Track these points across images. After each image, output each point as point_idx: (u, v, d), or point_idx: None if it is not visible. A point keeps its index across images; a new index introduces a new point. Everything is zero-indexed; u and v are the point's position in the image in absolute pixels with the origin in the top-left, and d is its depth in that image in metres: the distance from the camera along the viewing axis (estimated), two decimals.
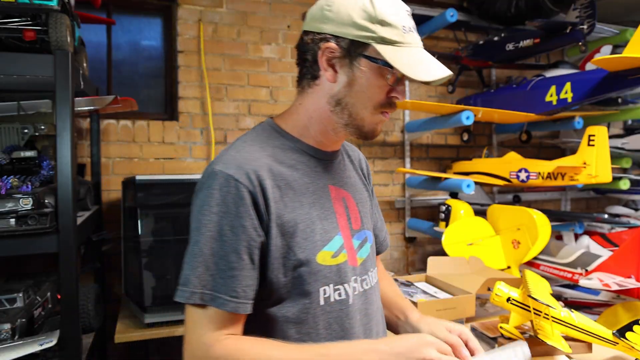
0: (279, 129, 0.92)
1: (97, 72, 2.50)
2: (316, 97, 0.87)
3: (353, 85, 0.83)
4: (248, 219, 0.78)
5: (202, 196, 0.79)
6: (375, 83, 0.82)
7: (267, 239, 0.80)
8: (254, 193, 0.78)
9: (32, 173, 1.54)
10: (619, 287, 1.83)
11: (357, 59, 0.81)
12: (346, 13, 0.80)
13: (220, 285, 0.76)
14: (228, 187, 0.78)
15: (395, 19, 0.80)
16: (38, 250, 1.30)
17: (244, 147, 0.85)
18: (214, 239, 0.77)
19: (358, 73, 0.82)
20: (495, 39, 2.88)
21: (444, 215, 2.63)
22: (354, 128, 0.86)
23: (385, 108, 0.85)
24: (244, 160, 0.81)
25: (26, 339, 1.37)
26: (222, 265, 0.76)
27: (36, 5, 1.28)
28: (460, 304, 1.71)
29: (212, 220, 0.77)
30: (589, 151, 2.30)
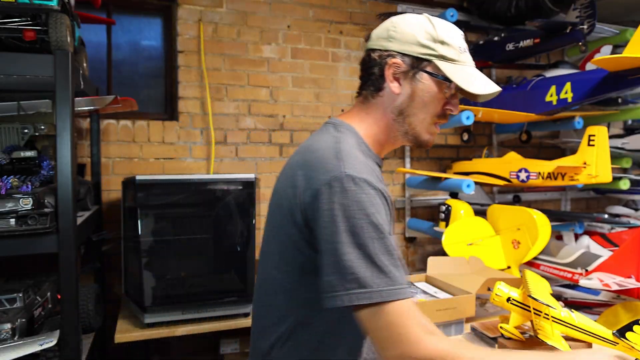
0: (361, 137, 0.97)
1: (97, 72, 2.50)
2: (381, 107, 0.96)
3: (415, 97, 0.93)
4: (390, 217, 0.88)
5: (345, 202, 0.79)
6: (434, 96, 0.93)
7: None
8: (387, 195, 0.87)
9: (32, 173, 1.54)
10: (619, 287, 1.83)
11: (419, 73, 0.92)
12: (411, 33, 0.92)
13: (404, 279, 0.80)
14: (373, 190, 0.82)
15: (453, 40, 0.92)
16: (38, 250, 1.30)
17: (358, 155, 0.88)
18: (378, 239, 0.79)
19: (420, 86, 0.93)
20: (495, 39, 2.88)
21: (444, 215, 2.63)
22: (412, 136, 0.96)
23: (440, 119, 0.96)
24: (368, 166, 0.87)
25: (26, 339, 1.37)
26: (392, 260, 0.81)
27: (36, 5, 1.28)
28: (460, 304, 1.71)
29: (370, 222, 0.79)
30: (589, 151, 2.30)
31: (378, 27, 0.98)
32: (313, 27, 2.88)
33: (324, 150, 0.86)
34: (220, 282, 2.04)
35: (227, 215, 2.03)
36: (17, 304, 1.47)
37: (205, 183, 2.02)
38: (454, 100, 0.95)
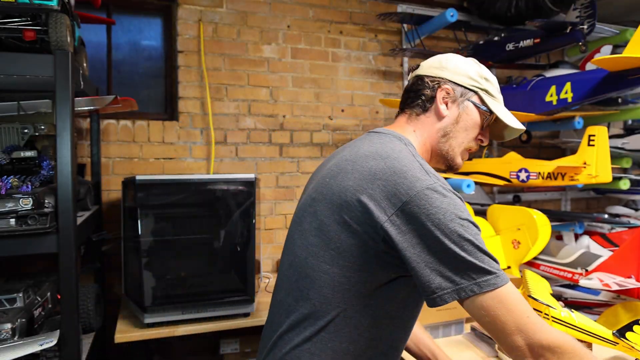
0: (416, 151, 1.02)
1: (97, 72, 2.50)
2: (428, 126, 1.06)
3: (459, 121, 1.05)
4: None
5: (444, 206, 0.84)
6: (475, 123, 1.06)
7: None
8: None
9: (32, 173, 1.54)
10: (619, 287, 1.82)
11: (466, 102, 1.05)
12: (462, 67, 1.06)
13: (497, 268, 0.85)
14: (460, 201, 0.89)
15: (494, 80, 1.09)
16: (38, 250, 1.30)
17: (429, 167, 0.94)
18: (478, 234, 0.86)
19: (464, 113, 1.05)
20: (495, 39, 2.88)
21: None
22: (449, 158, 1.07)
23: (472, 146, 1.08)
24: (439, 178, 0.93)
25: (26, 339, 1.37)
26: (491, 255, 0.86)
27: (36, 5, 1.28)
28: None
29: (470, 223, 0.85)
30: (589, 151, 2.30)
31: (431, 58, 1.11)
32: (313, 27, 2.88)
33: (405, 159, 0.91)
34: (220, 282, 2.04)
35: (227, 215, 2.03)
36: (17, 304, 1.47)
37: (205, 183, 2.02)
38: (485, 132, 1.08)
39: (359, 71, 3.00)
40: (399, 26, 3.09)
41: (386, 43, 3.07)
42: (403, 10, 3.01)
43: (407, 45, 3.04)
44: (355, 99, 2.98)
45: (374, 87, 3.04)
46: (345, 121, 2.95)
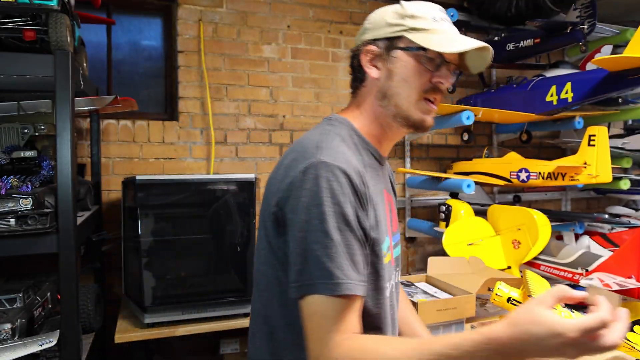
0: (356, 130, 0.95)
1: (97, 72, 2.50)
2: (367, 96, 0.95)
3: (394, 76, 0.91)
4: (362, 209, 0.82)
5: (314, 188, 0.78)
6: (414, 69, 0.89)
7: (368, 232, 0.84)
8: (360, 187, 0.82)
9: (32, 173, 1.54)
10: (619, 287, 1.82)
11: (393, 51, 0.91)
12: (380, 18, 0.93)
13: (357, 272, 0.78)
14: (345, 179, 0.79)
15: (424, 12, 0.90)
16: (38, 250, 1.30)
17: (341, 144, 0.87)
18: (340, 229, 0.77)
19: (396, 64, 0.90)
20: (495, 39, 2.88)
21: (444, 216, 2.63)
22: (403, 119, 0.92)
23: (430, 94, 0.91)
24: (348, 156, 0.84)
25: (26, 339, 1.37)
26: (351, 254, 0.78)
27: (36, 5, 1.28)
28: (461, 304, 1.71)
29: (336, 211, 0.77)
30: (589, 151, 2.30)
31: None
32: (313, 27, 2.88)
33: (308, 141, 0.86)
34: (220, 282, 2.04)
35: (227, 215, 2.03)
36: (17, 304, 1.47)
37: (205, 183, 2.02)
38: (442, 72, 0.90)
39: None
40: None
41: None
42: None
43: None
44: None
45: None
46: None
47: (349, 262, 0.77)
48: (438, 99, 0.93)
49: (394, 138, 1.00)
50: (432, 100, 0.92)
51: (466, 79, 3.27)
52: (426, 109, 0.92)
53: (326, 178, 0.78)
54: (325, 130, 0.90)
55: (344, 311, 0.76)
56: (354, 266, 0.77)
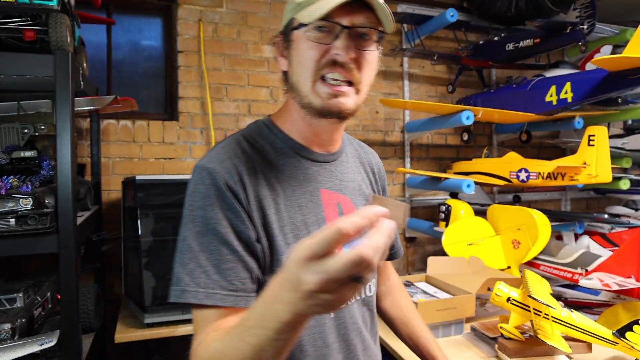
0: (273, 127, 0.89)
1: (97, 72, 2.50)
2: (288, 92, 0.87)
3: (292, 63, 0.82)
4: (234, 212, 0.76)
5: (188, 192, 0.79)
6: (303, 49, 0.79)
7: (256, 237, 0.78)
8: (235, 187, 0.77)
9: (32, 173, 1.54)
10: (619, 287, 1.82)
11: (290, 36, 0.82)
12: (286, 7, 0.85)
13: (215, 281, 0.73)
14: (211, 180, 0.76)
15: None
16: (38, 250, 1.30)
17: (231, 144, 0.84)
18: (202, 234, 0.74)
19: (292, 49, 0.82)
20: (495, 39, 2.88)
21: (444, 215, 2.63)
22: (308, 108, 0.81)
23: (326, 70, 0.77)
24: (228, 156, 0.80)
25: (26, 339, 1.37)
26: (215, 260, 0.73)
27: (36, 5, 1.28)
28: (460, 304, 1.71)
29: (198, 215, 0.75)
30: (589, 151, 2.30)
31: None
32: None
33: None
34: None
35: None
36: (17, 304, 1.47)
37: None
38: (337, 43, 0.76)
39: None
40: (399, 26, 3.09)
41: (386, 43, 3.07)
42: (403, 10, 3.01)
43: (407, 46, 3.05)
44: None
45: (374, 87, 3.03)
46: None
47: (211, 268, 0.73)
48: (348, 75, 0.77)
49: (323, 131, 0.88)
50: (335, 79, 0.77)
51: (466, 79, 3.27)
52: (326, 93, 0.78)
53: (194, 182, 0.78)
54: (232, 134, 0.89)
55: (204, 321, 0.72)
56: (220, 274, 0.73)
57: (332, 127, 0.87)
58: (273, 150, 0.86)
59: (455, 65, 3.15)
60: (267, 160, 0.84)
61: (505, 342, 1.49)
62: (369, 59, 0.80)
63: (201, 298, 0.72)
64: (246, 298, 0.74)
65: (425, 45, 3.03)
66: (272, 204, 0.80)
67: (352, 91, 0.79)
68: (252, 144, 0.85)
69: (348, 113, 0.81)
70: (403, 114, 3.12)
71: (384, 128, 3.06)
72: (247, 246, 0.76)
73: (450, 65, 3.24)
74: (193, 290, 0.72)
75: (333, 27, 0.77)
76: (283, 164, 0.85)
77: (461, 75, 3.16)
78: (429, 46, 3.12)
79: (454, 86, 3.15)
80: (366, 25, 0.77)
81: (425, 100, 3.14)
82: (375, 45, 0.81)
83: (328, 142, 0.91)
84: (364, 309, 0.94)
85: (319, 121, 0.84)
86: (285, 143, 0.88)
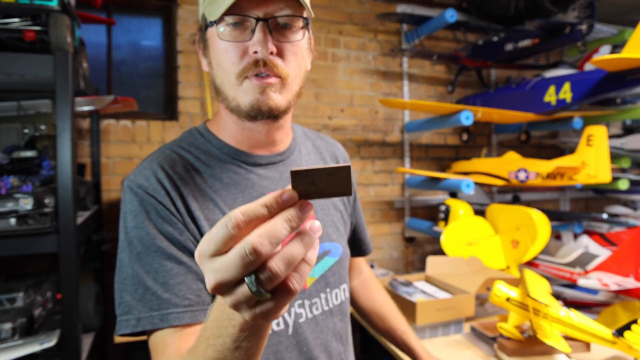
0: (208, 134, 0.83)
1: (97, 72, 2.50)
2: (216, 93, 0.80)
3: (212, 62, 0.75)
4: (170, 223, 0.71)
5: (120, 215, 0.73)
6: (220, 50, 0.72)
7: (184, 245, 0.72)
8: (164, 200, 0.72)
9: (32, 173, 1.54)
10: (617, 287, 1.83)
11: (206, 34, 0.76)
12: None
13: (166, 300, 0.67)
14: (139, 198, 0.72)
15: None
16: (38, 250, 1.30)
17: (158, 156, 0.79)
18: (143, 254, 0.69)
19: (210, 47, 0.75)
20: (494, 39, 2.89)
21: (444, 215, 2.63)
22: (237, 111, 0.74)
23: (249, 71, 0.70)
24: (153, 170, 0.75)
25: (26, 338, 1.37)
26: (161, 278, 0.67)
27: (36, 6, 1.28)
28: (460, 304, 1.71)
29: (133, 236, 0.70)
30: (588, 151, 2.31)
31: None
32: (313, 27, 2.87)
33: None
34: None
35: None
36: (17, 304, 1.47)
37: None
38: (254, 38, 0.69)
39: (359, 71, 3.00)
40: (399, 26, 3.09)
41: (386, 43, 3.07)
42: (402, 10, 3.02)
43: (407, 46, 3.05)
44: (354, 99, 2.99)
45: (374, 87, 3.05)
46: (345, 121, 2.96)
47: (159, 288, 0.67)
48: (272, 71, 0.71)
49: (260, 133, 0.80)
50: (261, 74, 0.70)
51: (465, 79, 3.28)
52: (253, 87, 0.71)
53: (123, 203, 0.74)
54: (164, 145, 0.84)
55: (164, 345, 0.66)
56: (170, 291, 0.67)
57: (269, 127, 0.80)
58: (207, 158, 0.80)
59: (454, 65, 3.16)
60: (198, 169, 0.78)
61: (504, 341, 1.49)
62: (295, 50, 0.73)
63: (156, 322, 0.66)
64: (204, 311, 0.68)
65: (425, 46, 3.03)
66: (210, 215, 0.74)
67: (280, 84, 0.72)
68: (182, 154, 0.79)
69: (279, 111, 0.73)
70: (402, 114, 3.12)
71: (383, 128, 3.06)
72: (193, 255, 0.69)
73: (449, 66, 3.24)
74: (147, 315, 0.66)
75: (247, 21, 0.69)
76: (219, 171, 0.79)
77: (460, 75, 3.17)
78: (429, 46, 3.13)
79: (454, 86, 3.16)
80: (285, 14, 0.69)
81: (425, 100, 3.15)
82: (302, 32, 0.73)
83: (270, 143, 0.83)
84: (334, 319, 0.86)
85: (252, 124, 0.77)
86: (220, 149, 0.81)
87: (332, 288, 0.86)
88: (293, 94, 0.76)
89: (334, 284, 0.86)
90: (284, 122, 0.83)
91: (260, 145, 0.82)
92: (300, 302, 0.79)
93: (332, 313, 0.85)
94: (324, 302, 0.84)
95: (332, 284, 0.86)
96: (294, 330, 0.78)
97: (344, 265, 0.91)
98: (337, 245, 0.89)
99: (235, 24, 0.70)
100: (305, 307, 0.80)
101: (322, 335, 0.83)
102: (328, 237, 0.87)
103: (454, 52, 3.05)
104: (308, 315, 0.80)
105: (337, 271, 0.88)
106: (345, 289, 0.90)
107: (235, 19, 0.69)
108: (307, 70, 0.81)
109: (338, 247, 0.89)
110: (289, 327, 0.78)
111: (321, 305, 0.83)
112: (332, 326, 0.85)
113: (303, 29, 0.74)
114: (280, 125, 0.82)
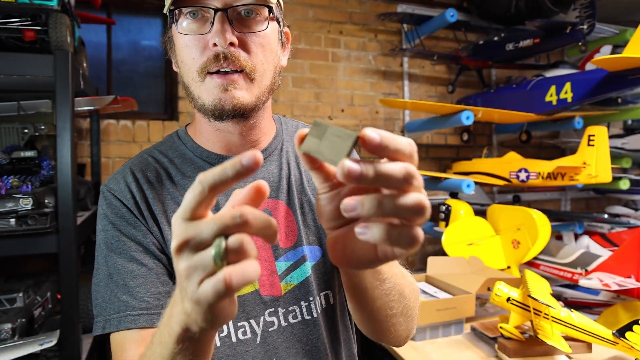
0: (185, 137, 0.82)
1: (97, 72, 2.50)
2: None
3: (178, 63, 0.73)
4: (134, 226, 0.71)
5: (97, 215, 0.75)
6: (181, 46, 0.69)
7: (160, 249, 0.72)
8: (129, 204, 0.72)
9: (32, 173, 1.54)
10: (618, 287, 1.83)
11: (170, 32, 0.74)
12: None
13: (124, 302, 0.66)
14: (107, 201, 0.73)
15: None
16: (38, 250, 1.30)
17: (135, 161, 0.78)
18: (108, 257, 0.69)
19: (174, 44, 0.73)
20: (495, 39, 2.88)
21: (444, 215, 2.63)
22: (203, 111, 0.71)
23: (210, 66, 0.67)
24: (124, 175, 0.74)
25: (26, 338, 1.37)
26: (122, 280, 0.67)
27: (36, 5, 1.28)
28: (460, 304, 1.71)
29: (101, 239, 0.71)
30: (588, 151, 2.30)
31: None
32: (313, 27, 2.88)
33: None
34: None
35: None
36: (17, 304, 1.47)
37: None
38: (212, 30, 0.66)
39: (359, 71, 3.00)
40: (399, 26, 3.09)
41: (386, 43, 3.07)
42: (403, 10, 3.01)
43: (407, 45, 3.05)
44: (355, 99, 2.99)
45: (374, 87, 3.04)
46: (345, 121, 2.96)
47: (119, 289, 0.67)
48: (235, 65, 0.67)
49: (232, 134, 0.77)
50: (223, 69, 0.67)
51: (466, 79, 3.27)
52: (215, 84, 0.67)
53: (98, 207, 0.75)
54: (143, 150, 0.83)
55: (121, 350, 0.66)
56: (128, 293, 0.66)
57: (241, 127, 0.75)
58: (181, 162, 0.78)
59: (455, 65, 3.15)
60: (170, 173, 0.77)
61: (505, 342, 1.49)
62: (260, 42, 0.69)
63: (115, 324, 0.65)
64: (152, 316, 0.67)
65: (425, 45, 3.03)
66: (171, 218, 0.71)
67: (245, 80, 0.68)
68: (158, 158, 0.79)
69: (246, 109, 0.69)
70: (403, 114, 3.12)
71: (384, 128, 3.06)
72: (158, 259, 0.70)
73: (450, 65, 3.24)
74: (110, 317, 0.66)
75: (206, 12, 0.66)
76: (192, 175, 0.76)
77: (461, 75, 3.17)
78: (429, 46, 3.12)
79: (454, 86, 3.15)
80: (245, 3, 0.66)
81: (425, 100, 3.14)
82: (267, 22, 0.69)
83: (245, 145, 0.79)
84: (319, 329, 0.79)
85: (222, 124, 0.74)
86: (194, 152, 0.79)
87: (315, 295, 0.78)
88: (262, 89, 0.72)
89: (318, 290, 0.79)
90: (258, 121, 0.78)
91: (234, 146, 0.78)
92: (272, 310, 0.75)
93: (315, 322, 0.78)
94: (305, 310, 0.78)
95: (315, 291, 0.79)
96: (263, 340, 0.74)
97: (328, 269, 0.81)
98: (315, 249, 0.81)
99: (194, 16, 0.67)
100: (279, 315, 0.75)
101: (299, 345, 0.76)
102: (311, 240, 0.80)
103: (455, 52, 3.05)
104: (282, 323, 0.75)
105: (320, 276, 0.80)
106: (331, 295, 0.81)
107: (192, 9, 0.66)
108: (280, 66, 0.77)
109: (316, 250, 0.81)
110: (257, 336, 0.74)
111: (301, 314, 0.77)
112: (317, 335, 0.78)
113: (269, 19, 0.69)
114: (253, 125, 0.78)
